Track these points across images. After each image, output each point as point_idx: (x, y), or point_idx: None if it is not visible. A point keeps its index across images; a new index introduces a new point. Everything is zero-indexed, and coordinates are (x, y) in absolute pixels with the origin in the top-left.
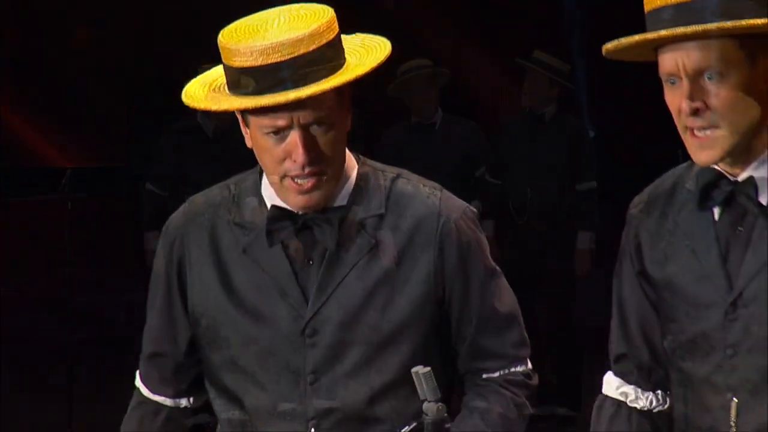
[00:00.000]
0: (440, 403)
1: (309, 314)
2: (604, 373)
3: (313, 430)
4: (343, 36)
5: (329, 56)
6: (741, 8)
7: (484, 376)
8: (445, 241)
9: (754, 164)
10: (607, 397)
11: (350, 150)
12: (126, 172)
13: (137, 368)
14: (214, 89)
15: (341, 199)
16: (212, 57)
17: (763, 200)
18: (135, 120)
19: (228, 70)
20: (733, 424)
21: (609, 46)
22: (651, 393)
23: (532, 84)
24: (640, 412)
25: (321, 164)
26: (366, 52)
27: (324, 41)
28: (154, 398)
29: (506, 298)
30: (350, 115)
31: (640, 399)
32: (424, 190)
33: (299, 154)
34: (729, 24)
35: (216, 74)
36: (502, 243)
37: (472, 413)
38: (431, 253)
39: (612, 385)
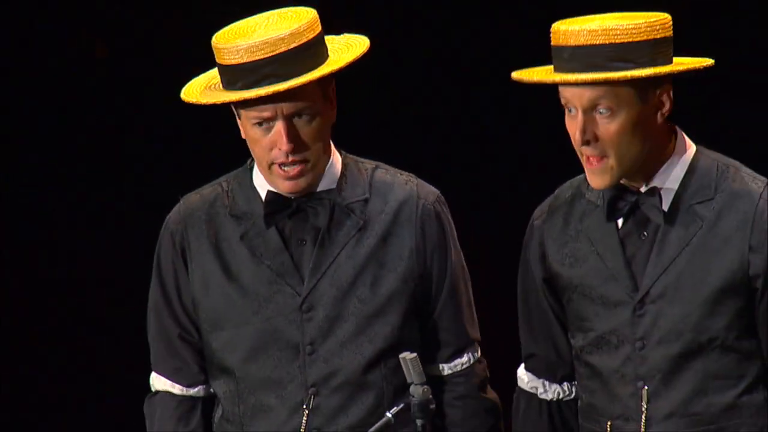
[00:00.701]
0: (425, 386)
1: (305, 291)
2: None
3: (312, 397)
4: (330, 36)
5: (309, 53)
6: (631, 54)
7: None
8: (426, 221)
9: (655, 177)
10: (521, 390)
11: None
12: None
13: None
14: (209, 87)
15: (330, 185)
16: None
17: (665, 207)
18: None
19: (219, 68)
20: (644, 409)
21: (515, 75)
22: (557, 385)
23: None
24: (549, 402)
25: (304, 152)
26: (347, 49)
27: (304, 40)
28: (188, 393)
29: (469, 289)
30: (334, 108)
31: (548, 392)
32: (401, 178)
33: (283, 143)
34: (615, 75)
35: (212, 75)
36: None
37: None
38: (413, 232)
39: (524, 380)
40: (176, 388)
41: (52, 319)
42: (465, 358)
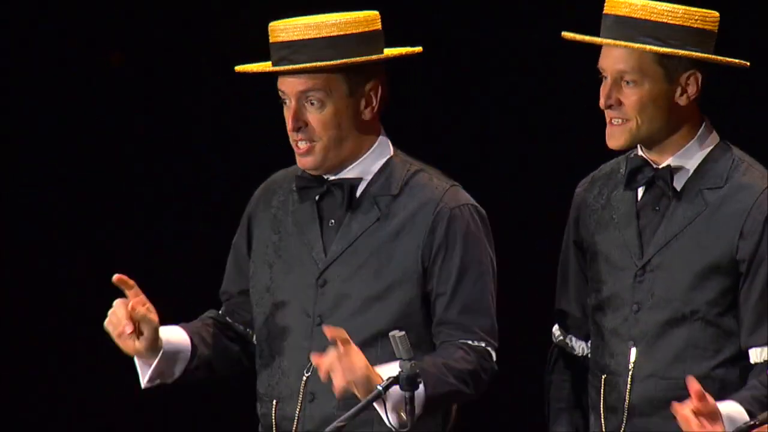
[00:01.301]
0: (413, 361)
1: (323, 266)
2: None
3: (311, 365)
4: (394, 49)
5: (340, 46)
6: (662, 33)
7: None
8: (438, 222)
9: (674, 157)
10: (555, 344)
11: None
12: None
13: None
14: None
15: (362, 174)
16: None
17: (678, 186)
18: None
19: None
20: (630, 367)
21: (568, 35)
22: (583, 342)
23: None
24: (575, 357)
25: (307, 133)
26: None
27: (335, 33)
28: (228, 321)
29: (485, 291)
30: (368, 107)
31: (575, 347)
32: (436, 182)
33: (289, 120)
34: (647, 47)
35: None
36: None
37: (435, 358)
38: (423, 231)
39: (555, 334)
40: (227, 319)
41: (52, 319)
42: (471, 341)
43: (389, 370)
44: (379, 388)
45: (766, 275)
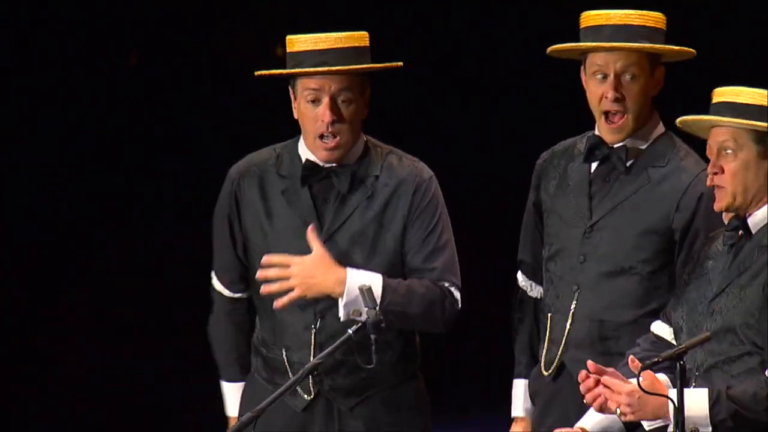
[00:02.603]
0: (377, 309)
1: (324, 237)
2: None
3: (319, 319)
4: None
5: (359, 55)
6: (651, 35)
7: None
8: (417, 194)
9: (629, 139)
10: (519, 287)
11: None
12: None
13: None
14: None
15: (352, 160)
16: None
17: (628, 163)
18: None
19: (290, 55)
20: (572, 308)
21: (562, 47)
22: (540, 286)
23: None
24: (534, 299)
25: (340, 127)
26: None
27: (356, 44)
28: (235, 296)
29: (449, 243)
30: (366, 107)
31: (533, 290)
32: (406, 161)
33: (327, 115)
34: (647, 46)
35: (278, 71)
36: None
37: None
38: (407, 201)
39: (519, 280)
40: (225, 292)
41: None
42: (437, 281)
43: (361, 275)
44: (349, 332)
45: (694, 251)
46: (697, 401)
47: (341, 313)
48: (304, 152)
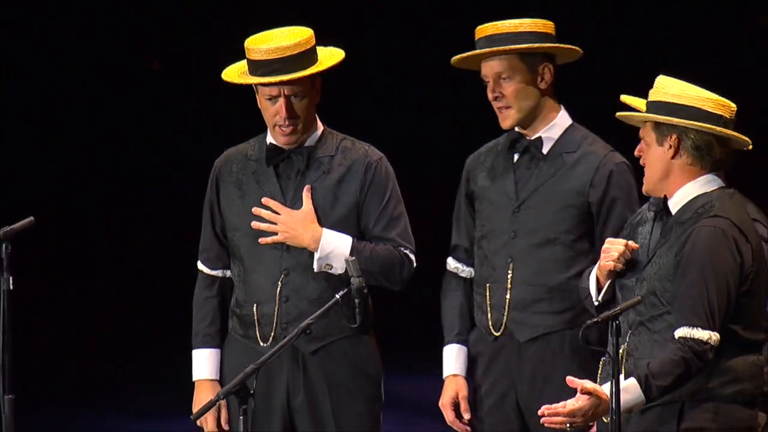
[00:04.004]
0: (361, 278)
1: (286, 201)
2: None
3: (284, 275)
4: (319, 47)
5: (305, 58)
6: (524, 39)
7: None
8: (368, 172)
9: (542, 131)
10: (448, 272)
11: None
12: None
13: None
14: (242, 73)
15: (311, 143)
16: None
17: (545, 151)
18: None
19: (248, 61)
20: (509, 277)
21: (456, 58)
22: (470, 268)
23: None
24: (465, 279)
25: (295, 119)
26: (330, 57)
27: (301, 49)
28: (213, 273)
29: (402, 214)
30: (318, 94)
31: (464, 271)
32: (358, 145)
33: (283, 113)
34: (512, 47)
35: (242, 64)
36: None
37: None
38: (359, 178)
39: (450, 264)
40: (205, 270)
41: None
42: (394, 246)
43: (334, 236)
44: (337, 296)
45: (617, 216)
46: (631, 392)
47: (315, 266)
48: (269, 138)
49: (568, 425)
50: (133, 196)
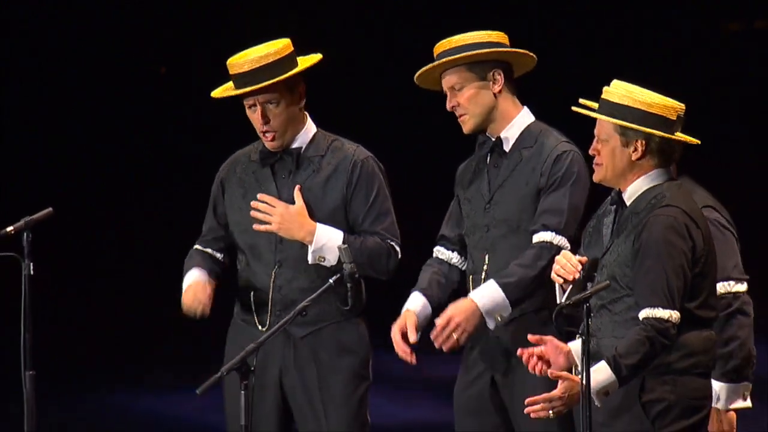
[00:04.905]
0: (352, 264)
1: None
2: None
3: (278, 267)
4: (303, 57)
5: (275, 67)
6: (469, 49)
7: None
8: (354, 170)
9: (503, 131)
10: (433, 257)
11: (313, 121)
12: None
13: None
14: (229, 89)
15: (301, 144)
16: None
17: (506, 149)
18: None
19: (231, 76)
20: (485, 267)
21: (418, 74)
22: (454, 253)
23: None
24: (443, 260)
25: (272, 126)
26: (305, 61)
27: (270, 60)
28: (205, 250)
29: (389, 209)
30: (301, 99)
31: (444, 254)
32: (347, 146)
33: (259, 121)
34: (454, 57)
35: (230, 83)
36: None
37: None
38: (346, 176)
39: (435, 250)
40: (198, 247)
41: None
42: (381, 239)
43: (326, 229)
44: (331, 281)
45: (547, 193)
46: (602, 372)
47: (309, 258)
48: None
49: (550, 412)
50: (144, 182)
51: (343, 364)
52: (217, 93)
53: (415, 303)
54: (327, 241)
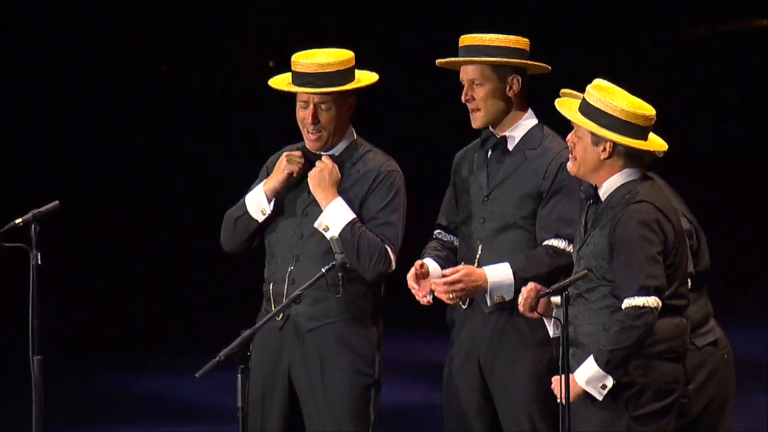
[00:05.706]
0: (343, 254)
1: (307, 202)
2: None
3: (295, 261)
4: (363, 71)
5: (337, 76)
6: (496, 53)
7: None
8: (377, 178)
9: (508, 131)
10: (433, 238)
11: (355, 130)
12: None
13: None
14: (288, 83)
15: (338, 151)
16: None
17: (510, 148)
18: None
19: (292, 72)
20: (478, 257)
21: (440, 61)
22: (451, 235)
23: None
24: (442, 240)
25: (319, 125)
26: (363, 79)
27: (334, 69)
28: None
29: (399, 218)
30: (350, 109)
31: (443, 235)
32: (379, 157)
33: (309, 118)
34: (483, 59)
35: (287, 75)
36: None
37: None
38: (368, 183)
39: (437, 234)
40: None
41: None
42: (381, 240)
43: (342, 207)
44: (323, 270)
45: (557, 201)
46: (591, 367)
47: (317, 222)
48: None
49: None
50: (150, 175)
51: (344, 362)
52: (277, 84)
53: (428, 261)
54: (335, 213)
